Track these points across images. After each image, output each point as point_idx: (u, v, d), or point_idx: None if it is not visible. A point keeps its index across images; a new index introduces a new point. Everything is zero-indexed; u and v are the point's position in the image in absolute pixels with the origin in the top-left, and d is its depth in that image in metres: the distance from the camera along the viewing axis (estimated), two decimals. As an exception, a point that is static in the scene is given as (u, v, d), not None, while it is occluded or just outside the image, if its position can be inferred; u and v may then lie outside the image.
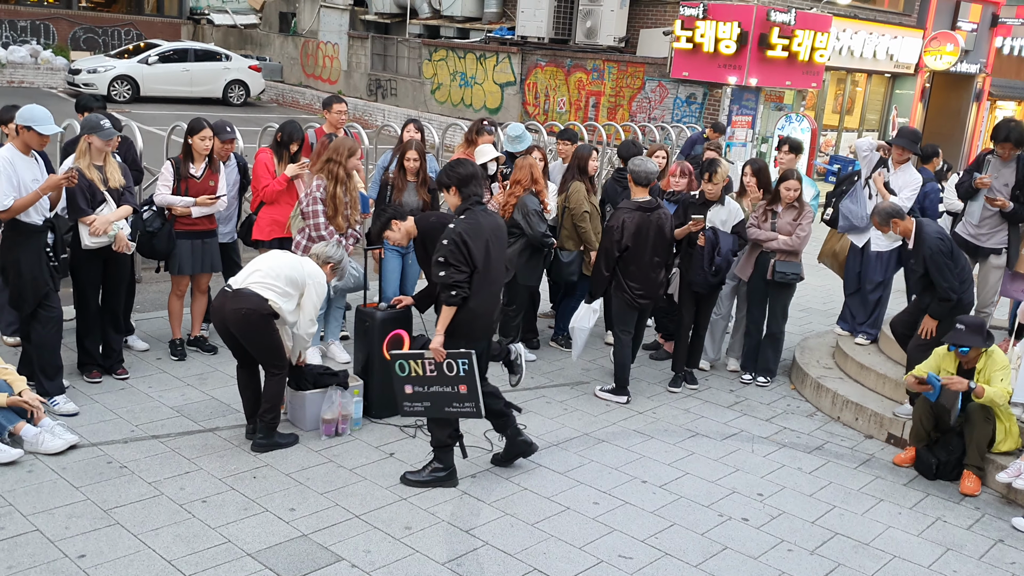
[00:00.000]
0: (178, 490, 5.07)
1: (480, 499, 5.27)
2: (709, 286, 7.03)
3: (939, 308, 6.40)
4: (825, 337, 8.34)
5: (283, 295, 5.48)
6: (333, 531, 4.79)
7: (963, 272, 6.48)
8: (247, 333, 5.46)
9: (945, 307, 6.37)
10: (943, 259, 6.33)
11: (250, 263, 5.72)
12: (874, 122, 21.65)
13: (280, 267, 5.56)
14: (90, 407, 6.00)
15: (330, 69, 26.42)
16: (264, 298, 5.40)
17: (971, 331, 5.88)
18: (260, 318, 5.42)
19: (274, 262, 5.61)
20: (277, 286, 5.47)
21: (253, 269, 5.57)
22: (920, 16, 21.04)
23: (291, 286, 5.53)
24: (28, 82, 24.37)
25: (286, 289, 5.50)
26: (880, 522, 5.41)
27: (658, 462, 5.96)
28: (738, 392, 7.37)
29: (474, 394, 5.19)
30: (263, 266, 5.57)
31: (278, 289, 5.47)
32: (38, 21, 27.53)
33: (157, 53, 23.46)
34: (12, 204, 5.55)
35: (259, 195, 7.09)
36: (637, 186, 6.74)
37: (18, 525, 4.59)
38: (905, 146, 7.40)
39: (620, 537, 4.98)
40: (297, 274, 5.57)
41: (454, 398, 5.22)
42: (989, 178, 7.07)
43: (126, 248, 6.22)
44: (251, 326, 5.43)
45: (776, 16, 15.86)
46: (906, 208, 7.31)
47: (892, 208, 6.66)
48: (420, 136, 7.64)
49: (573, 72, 19.64)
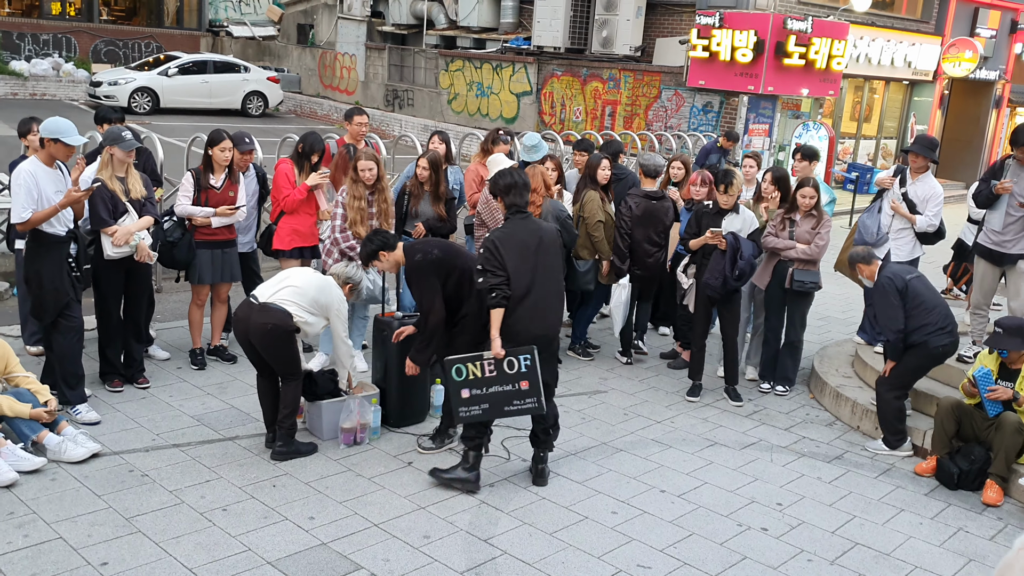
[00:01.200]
0: (199, 498, 5.10)
1: (498, 508, 5.27)
2: (726, 292, 6.99)
3: (890, 349, 6.37)
4: (844, 346, 8.30)
5: (308, 312, 5.61)
6: (352, 540, 4.81)
7: (926, 313, 6.18)
8: (269, 346, 5.53)
9: (893, 348, 6.31)
10: (885, 297, 6.24)
11: (280, 275, 5.79)
12: (892, 129, 21.54)
13: (309, 287, 5.65)
14: (112, 416, 6.05)
15: (348, 80, 26.58)
16: (290, 313, 5.50)
17: (1009, 334, 5.84)
18: (284, 333, 5.51)
19: (305, 280, 5.69)
20: (304, 304, 5.58)
21: (284, 284, 5.65)
22: (938, 23, 20.95)
23: (316, 307, 5.65)
24: (50, 94, 24.65)
25: (311, 308, 5.63)
26: (901, 532, 5.38)
27: (676, 471, 5.95)
28: (756, 401, 7.35)
29: (536, 389, 5.23)
30: (295, 282, 5.66)
31: (304, 306, 5.58)
32: (60, 34, 27.87)
33: (177, 65, 23.68)
34: (30, 217, 5.62)
35: (279, 205, 7.14)
36: (646, 177, 7.73)
37: (42, 533, 4.63)
38: (921, 153, 7.30)
39: (639, 547, 4.97)
40: (325, 298, 5.68)
41: (515, 396, 5.25)
42: (1010, 183, 7.00)
43: (148, 258, 6.29)
44: (274, 340, 5.51)
45: (793, 24, 15.83)
46: (934, 225, 7.24)
47: (863, 253, 6.59)
48: (445, 148, 7.68)
49: (589, 81, 19.67)
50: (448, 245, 5.83)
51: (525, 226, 5.34)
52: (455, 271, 5.55)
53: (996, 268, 7.17)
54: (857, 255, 6.59)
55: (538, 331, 5.31)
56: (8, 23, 26.83)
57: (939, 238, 7.49)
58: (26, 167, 5.73)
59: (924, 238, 7.42)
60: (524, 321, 5.25)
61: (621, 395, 7.25)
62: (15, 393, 5.48)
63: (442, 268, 5.53)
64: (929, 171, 7.33)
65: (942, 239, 7.55)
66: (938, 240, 7.52)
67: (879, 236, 7.45)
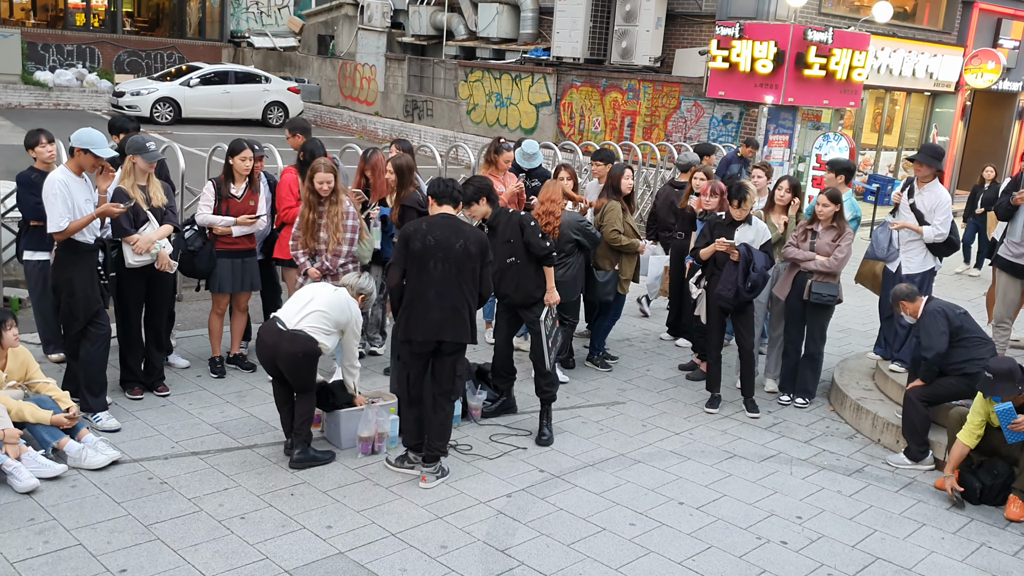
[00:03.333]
0: (217, 506, 5.12)
1: (516, 519, 5.26)
2: (737, 302, 6.94)
3: (924, 369, 6.31)
4: (864, 358, 8.23)
5: (330, 335, 5.69)
6: (369, 549, 4.81)
7: (977, 346, 6.20)
8: (296, 371, 5.57)
9: (928, 370, 6.26)
10: (935, 321, 6.22)
11: (303, 296, 5.76)
12: (913, 141, 21.40)
13: (333, 309, 5.68)
14: (132, 424, 6.09)
15: (367, 90, 26.72)
16: (318, 342, 5.57)
17: (999, 379, 5.61)
18: (312, 360, 5.59)
19: (328, 303, 5.69)
20: (328, 327, 5.65)
21: (310, 309, 5.65)
22: (960, 34, 20.82)
23: (337, 326, 5.72)
24: (74, 105, 24.93)
25: (333, 329, 5.70)
26: (923, 547, 5.32)
27: (695, 483, 5.92)
28: (776, 413, 7.30)
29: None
30: (320, 306, 5.66)
31: (328, 329, 5.66)
32: (84, 45, 28.19)
33: (198, 76, 23.90)
34: (67, 226, 5.69)
35: (282, 215, 7.12)
36: (681, 172, 9.06)
37: (62, 539, 4.66)
38: (925, 162, 7.19)
39: (657, 559, 4.94)
40: (345, 317, 5.73)
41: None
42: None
43: (168, 267, 6.33)
44: (301, 367, 5.57)
45: (813, 35, 15.77)
46: (943, 235, 7.15)
47: (906, 291, 6.51)
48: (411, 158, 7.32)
49: (608, 92, 19.67)
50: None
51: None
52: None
53: (1018, 280, 7.10)
54: (901, 293, 6.51)
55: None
56: (33, 34, 27.17)
57: (952, 249, 7.41)
58: (58, 176, 5.77)
59: (936, 249, 7.32)
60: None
61: (639, 406, 7.22)
62: (37, 400, 5.53)
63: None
64: (936, 180, 7.24)
65: (955, 250, 7.48)
66: (951, 251, 7.44)
67: (890, 250, 7.40)
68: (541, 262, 6.32)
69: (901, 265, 7.36)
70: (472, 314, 5.56)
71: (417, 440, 5.69)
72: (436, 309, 5.40)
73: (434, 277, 5.38)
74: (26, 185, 6.56)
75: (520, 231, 6.24)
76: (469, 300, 5.50)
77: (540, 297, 6.34)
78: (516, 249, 6.25)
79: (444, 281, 5.39)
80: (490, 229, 6.25)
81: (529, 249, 6.24)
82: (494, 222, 6.26)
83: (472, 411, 6.60)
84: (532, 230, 6.25)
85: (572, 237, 7.15)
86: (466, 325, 5.50)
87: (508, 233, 6.26)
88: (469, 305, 5.51)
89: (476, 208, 6.10)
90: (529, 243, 6.23)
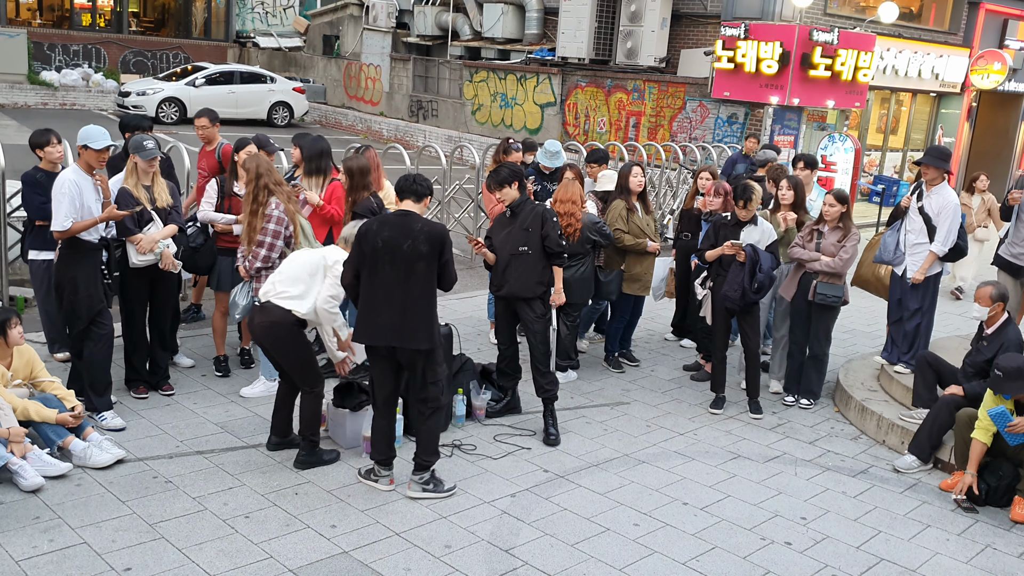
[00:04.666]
0: (222, 505, 5.12)
1: (520, 519, 5.26)
2: (743, 303, 6.93)
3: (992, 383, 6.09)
4: (870, 359, 8.21)
5: (302, 298, 5.49)
6: (374, 548, 4.81)
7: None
8: (274, 346, 5.59)
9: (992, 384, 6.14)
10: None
11: (275, 271, 5.80)
12: (919, 142, 21.35)
13: (296, 268, 5.58)
14: (137, 423, 6.10)
15: (372, 91, 26.74)
16: (286, 309, 5.46)
17: (1009, 377, 5.61)
18: (285, 329, 5.48)
19: (290, 266, 5.65)
20: (296, 291, 5.48)
21: (274, 279, 5.63)
22: (966, 34, 20.76)
23: (306, 285, 5.50)
24: (80, 104, 24.97)
25: (306, 289, 5.50)
26: (927, 548, 5.31)
27: (699, 484, 5.91)
28: (781, 414, 7.29)
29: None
30: (281, 275, 5.61)
31: (297, 294, 5.48)
32: (90, 45, 28.25)
33: (204, 76, 23.93)
34: (71, 226, 5.70)
35: (324, 216, 7.03)
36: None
37: (67, 537, 4.67)
38: (932, 164, 7.14)
39: (661, 559, 4.94)
40: (311, 269, 5.54)
41: None
42: (1020, 193, 6.92)
43: (172, 267, 6.34)
44: (278, 339, 5.54)
45: (819, 36, 15.75)
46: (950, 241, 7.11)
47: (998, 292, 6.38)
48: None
49: (613, 92, 19.67)
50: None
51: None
52: None
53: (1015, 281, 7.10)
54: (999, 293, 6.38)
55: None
56: (39, 34, 27.23)
57: (959, 255, 7.35)
58: (70, 176, 5.80)
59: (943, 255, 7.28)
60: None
61: (644, 407, 7.22)
62: (42, 398, 5.54)
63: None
64: (944, 182, 7.20)
65: (963, 256, 7.42)
66: (958, 257, 7.39)
67: (896, 254, 7.38)
68: (551, 259, 6.33)
69: (907, 269, 7.33)
70: (428, 317, 5.26)
71: (383, 455, 5.44)
72: (385, 312, 5.16)
73: (382, 279, 5.19)
74: (31, 185, 6.57)
75: (541, 224, 6.26)
76: (421, 303, 5.21)
77: (539, 294, 6.32)
78: (531, 240, 6.24)
79: (392, 284, 5.16)
80: (512, 214, 6.31)
81: (545, 243, 6.24)
82: (518, 208, 6.30)
83: (476, 411, 6.60)
84: (553, 225, 6.29)
85: (590, 238, 7.18)
86: (419, 330, 5.19)
87: (528, 222, 6.27)
88: (422, 308, 5.22)
89: (507, 191, 6.21)
90: (548, 236, 6.24)
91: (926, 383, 6.67)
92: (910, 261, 7.31)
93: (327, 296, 5.50)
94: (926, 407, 6.58)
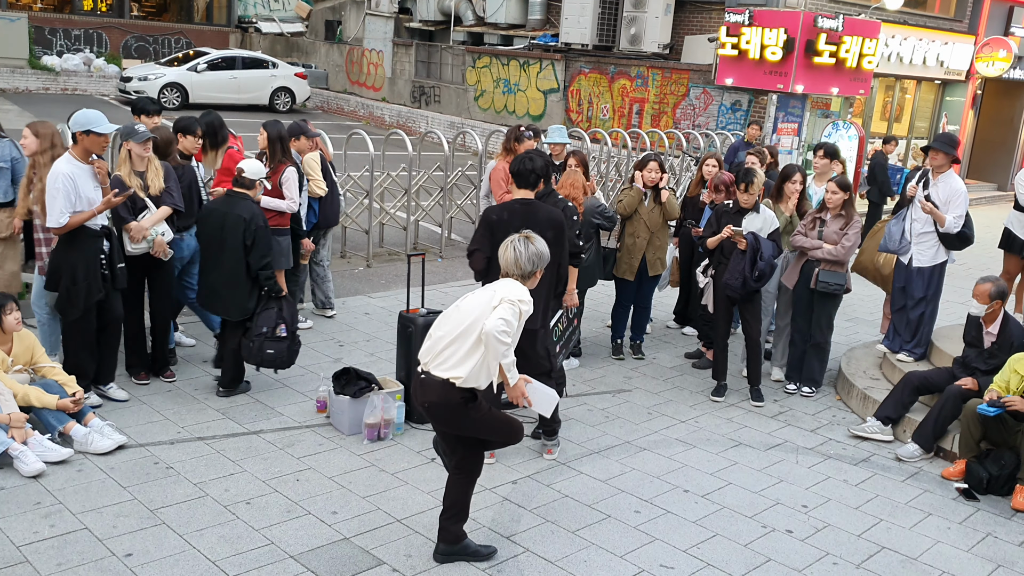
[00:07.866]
0: (223, 491, 5.13)
1: (521, 506, 5.26)
2: (745, 291, 6.91)
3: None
4: (872, 348, 8.20)
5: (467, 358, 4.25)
6: (375, 535, 4.82)
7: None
8: (449, 426, 4.48)
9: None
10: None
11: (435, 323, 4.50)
12: (923, 130, 21.27)
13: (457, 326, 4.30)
14: (138, 408, 6.10)
15: (375, 76, 26.65)
16: (450, 383, 4.26)
17: None
18: (452, 409, 4.31)
19: (450, 324, 4.35)
20: (457, 355, 4.26)
21: (434, 336, 4.40)
22: (972, 22, 20.66)
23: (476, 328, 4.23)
24: (81, 89, 24.91)
25: (472, 346, 4.24)
26: (928, 536, 5.31)
27: (700, 471, 5.91)
28: (782, 402, 7.28)
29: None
30: (441, 332, 4.36)
31: (459, 358, 4.26)
32: (91, 30, 28.15)
33: (206, 61, 23.85)
34: (68, 221, 5.62)
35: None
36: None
37: (68, 523, 4.68)
38: (941, 149, 7.08)
39: (662, 547, 4.94)
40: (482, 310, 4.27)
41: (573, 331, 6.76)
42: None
43: (163, 254, 6.26)
44: (447, 421, 4.43)
45: (823, 22, 15.66)
46: (958, 226, 7.07)
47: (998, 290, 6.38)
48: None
49: (617, 79, 19.59)
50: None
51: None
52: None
53: None
54: (997, 290, 6.38)
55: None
56: (40, 18, 27.13)
57: (965, 243, 7.24)
58: (63, 169, 5.64)
59: (949, 243, 7.21)
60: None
61: (645, 394, 7.22)
62: (43, 384, 5.54)
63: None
64: (951, 170, 7.15)
65: (969, 244, 7.30)
66: (964, 245, 7.28)
67: (902, 242, 7.34)
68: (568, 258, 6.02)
69: (913, 257, 7.29)
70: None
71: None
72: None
73: None
74: None
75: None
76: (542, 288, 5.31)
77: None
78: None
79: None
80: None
81: None
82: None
83: None
84: (573, 224, 6.16)
85: (593, 223, 7.16)
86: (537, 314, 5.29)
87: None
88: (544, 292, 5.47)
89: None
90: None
91: (901, 401, 6.65)
92: (916, 250, 7.27)
93: (500, 318, 4.16)
94: (883, 423, 6.60)
